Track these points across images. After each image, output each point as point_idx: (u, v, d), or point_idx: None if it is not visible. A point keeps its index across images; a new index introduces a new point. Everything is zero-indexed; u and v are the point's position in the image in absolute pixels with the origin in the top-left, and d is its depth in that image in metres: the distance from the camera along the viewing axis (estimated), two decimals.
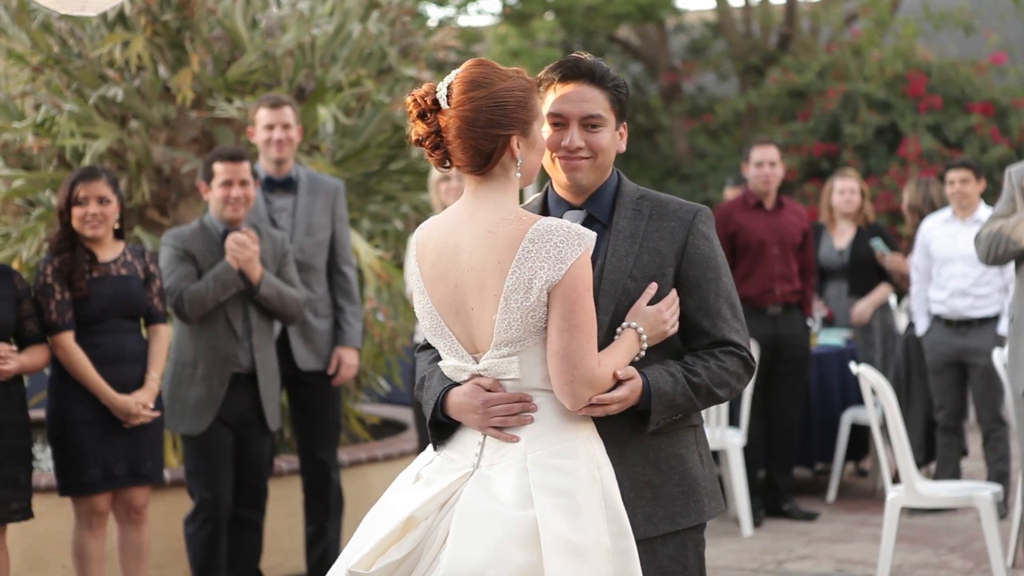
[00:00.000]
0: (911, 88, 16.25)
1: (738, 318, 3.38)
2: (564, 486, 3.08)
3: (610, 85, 3.36)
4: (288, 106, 6.52)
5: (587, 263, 3.12)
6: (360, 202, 8.31)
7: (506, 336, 3.13)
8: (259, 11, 7.96)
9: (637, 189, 3.43)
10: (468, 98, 3.14)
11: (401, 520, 3.18)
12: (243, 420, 6.13)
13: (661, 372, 3.26)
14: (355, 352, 6.71)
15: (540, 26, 18.61)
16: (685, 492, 3.32)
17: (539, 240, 3.09)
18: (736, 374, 3.35)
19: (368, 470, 7.48)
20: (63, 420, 5.59)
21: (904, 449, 6.28)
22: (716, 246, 3.38)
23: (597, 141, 3.34)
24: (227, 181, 6.02)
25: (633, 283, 3.29)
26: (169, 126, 7.75)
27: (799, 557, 7.34)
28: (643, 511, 3.27)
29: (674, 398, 3.25)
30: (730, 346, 3.34)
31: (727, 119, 18.39)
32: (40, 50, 7.71)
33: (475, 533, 3.07)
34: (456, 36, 9.41)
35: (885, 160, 16.09)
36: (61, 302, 5.56)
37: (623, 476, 3.23)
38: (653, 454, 3.30)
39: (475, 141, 3.14)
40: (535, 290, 3.08)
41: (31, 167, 7.76)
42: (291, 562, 7.05)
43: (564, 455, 3.12)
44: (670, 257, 3.32)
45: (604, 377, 3.15)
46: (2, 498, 5.31)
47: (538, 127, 3.24)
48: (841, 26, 18.38)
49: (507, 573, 3.02)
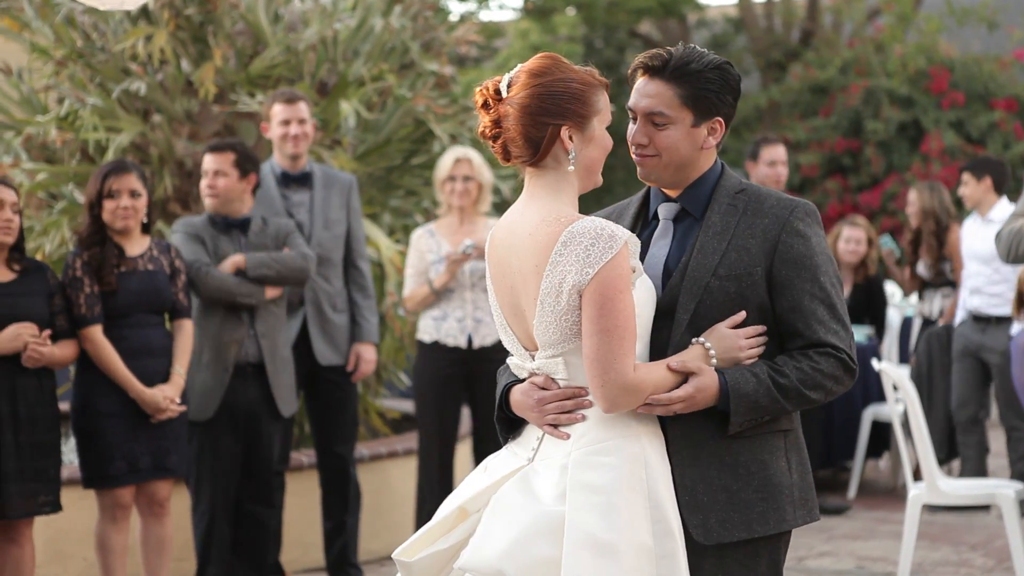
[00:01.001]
0: (934, 84, 16.19)
1: (838, 319, 3.22)
2: (601, 483, 3.06)
3: (687, 80, 3.24)
4: (303, 101, 6.53)
5: (619, 265, 3.05)
6: (381, 197, 8.32)
7: (545, 339, 3.15)
8: (281, 5, 7.97)
9: (739, 183, 3.33)
10: (525, 86, 3.16)
11: (453, 510, 3.22)
12: (251, 411, 6.12)
13: (743, 372, 3.15)
14: (373, 347, 6.72)
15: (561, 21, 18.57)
16: (765, 499, 3.19)
17: (570, 243, 3.07)
18: (832, 376, 3.21)
19: (387, 464, 7.49)
20: (88, 413, 5.62)
21: (926, 446, 6.27)
22: (815, 244, 3.24)
23: (660, 139, 3.26)
24: (204, 171, 6.10)
25: (717, 281, 3.19)
26: (191, 120, 7.77)
27: (819, 554, 7.32)
28: (717, 516, 3.16)
29: (757, 399, 3.14)
30: (826, 347, 3.20)
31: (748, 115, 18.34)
32: (64, 44, 7.74)
33: (500, 526, 3.09)
34: (477, 31, 9.40)
35: (907, 156, 16.04)
36: (90, 295, 5.58)
37: (697, 479, 3.17)
38: (731, 458, 3.18)
39: (525, 128, 3.15)
40: (564, 294, 3.08)
41: (54, 161, 7.79)
42: (310, 556, 7.07)
43: (606, 452, 3.10)
44: (760, 256, 3.21)
45: (640, 382, 3.07)
46: (31, 491, 5.34)
47: (599, 124, 3.20)
48: (864, 21, 18.32)
49: (524, 565, 3.03)
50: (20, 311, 5.36)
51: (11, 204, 5.38)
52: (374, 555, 7.26)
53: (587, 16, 18.93)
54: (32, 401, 5.36)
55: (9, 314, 5.34)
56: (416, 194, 8.33)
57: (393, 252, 7.83)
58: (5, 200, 5.37)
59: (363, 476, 7.04)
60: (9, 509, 5.27)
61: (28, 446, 5.32)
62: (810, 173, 16.53)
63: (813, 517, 3.31)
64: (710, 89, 3.26)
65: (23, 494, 5.31)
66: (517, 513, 3.09)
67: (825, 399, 3.25)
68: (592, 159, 3.21)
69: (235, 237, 6.14)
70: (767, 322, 3.24)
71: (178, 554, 6.56)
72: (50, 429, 5.42)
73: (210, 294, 5.99)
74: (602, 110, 3.21)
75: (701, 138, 3.28)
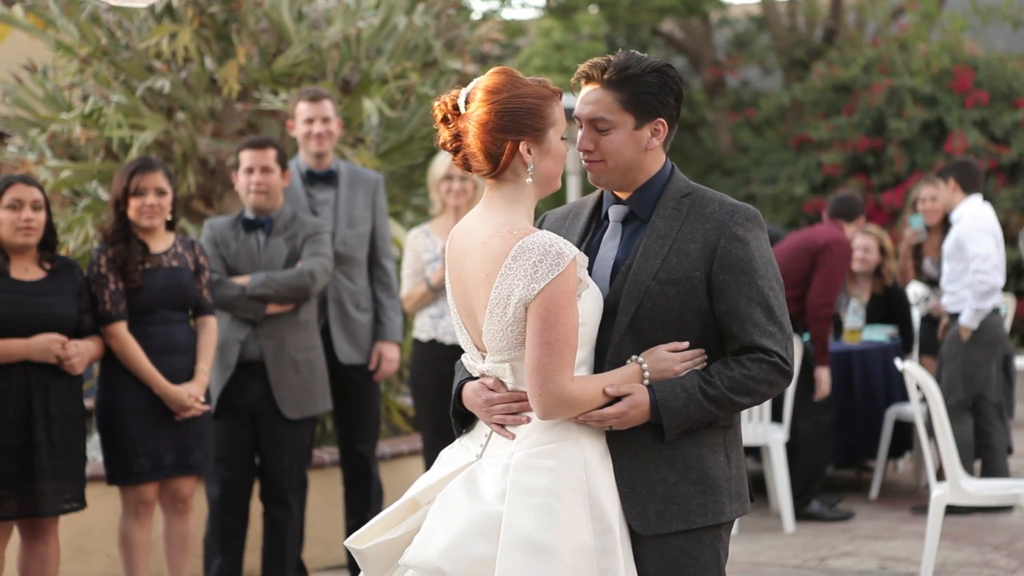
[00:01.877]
0: (958, 83, 16.13)
1: (775, 322, 3.31)
2: (539, 485, 3.19)
3: (626, 85, 3.34)
4: (327, 99, 6.53)
5: (565, 282, 3.16)
6: (403, 195, 8.33)
7: (493, 345, 3.29)
8: (305, 3, 7.99)
9: (686, 186, 3.42)
10: (482, 103, 3.27)
11: (405, 501, 3.39)
12: (255, 409, 6.11)
13: (673, 387, 3.27)
14: (396, 346, 6.72)
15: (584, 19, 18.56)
16: (703, 491, 3.31)
17: (519, 257, 3.19)
18: (765, 380, 3.31)
19: (409, 462, 7.50)
20: (113, 409, 5.64)
21: (949, 446, 6.24)
22: (753, 249, 3.32)
23: (604, 144, 3.37)
24: (247, 168, 6.08)
25: (657, 285, 3.29)
26: (215, 118, 7.79)
27: (841, 554, 7.30)
28: (655, 508, 3.28)
29: (688, 412, 3.26)
30: (759, 352, 3.30)
31: (771, 113, 18.31)
32: (88, 42, 7.77)
33: (443, 524, 3.24)
34: (500, 29, 9.42)
35: (930, 155, 15.98)
36: (115, 292, 5.60)
37: (636, 472, 3.29)
38: (668, 452, 3.30)
39: (484, 144, 3.27)
40: (511, 306, 3.20)
41: (78, 158, 7.82)
42: (332, 553, 7.08)
43: (546, 455, 3.23)
44: (699, 261, 3.30)
45: (577, 395, 3.20)
46: (59, 489, 5.36)
47: (555, 135, 3.31)
48: (887, 20, 18.26)
49: (462, 564, 3.16)
50: (50, 310, 5.38)
51: (32, 203, 5.37)
52: None
53: (610, 14, 18.92)
54: (64, 399, 5.39)
55: (40, 313, 5.35)
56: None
57: None
58: (24, 199, 5.36)
59: (385, 474, 7.04)
60: (41, 507, 5.30)
61: (61, 444, 5.35)
62: (832, 172, 16.49)
63: (745, 510, 3.43)
64: (648, 92, 3.35)
65: (56, 492, 5.33)
66: (459, 512, 3.23)
67: (759, 402, 3.37)
68: (550, 169, 3.33)
69: (256, 237, 6.14)
70: (707, 327, 3.34)
71: (199, 551, 6.58)
72: (76, 427, 5.45)
73: (216, 305, 6.02)
74: (557, 121, 3.32)
75: (644, 140, 3.38)
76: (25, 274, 5.39)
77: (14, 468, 5.26)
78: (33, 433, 5.27)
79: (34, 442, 5.27)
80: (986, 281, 8.13)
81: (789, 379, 3.36)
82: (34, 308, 5.35)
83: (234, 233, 6.11)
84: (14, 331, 5.30)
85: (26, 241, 5.37)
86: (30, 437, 5.27)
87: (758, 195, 17.16)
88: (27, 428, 5.28)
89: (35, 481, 5.26)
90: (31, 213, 5.37)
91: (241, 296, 6.03)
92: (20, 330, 5.31)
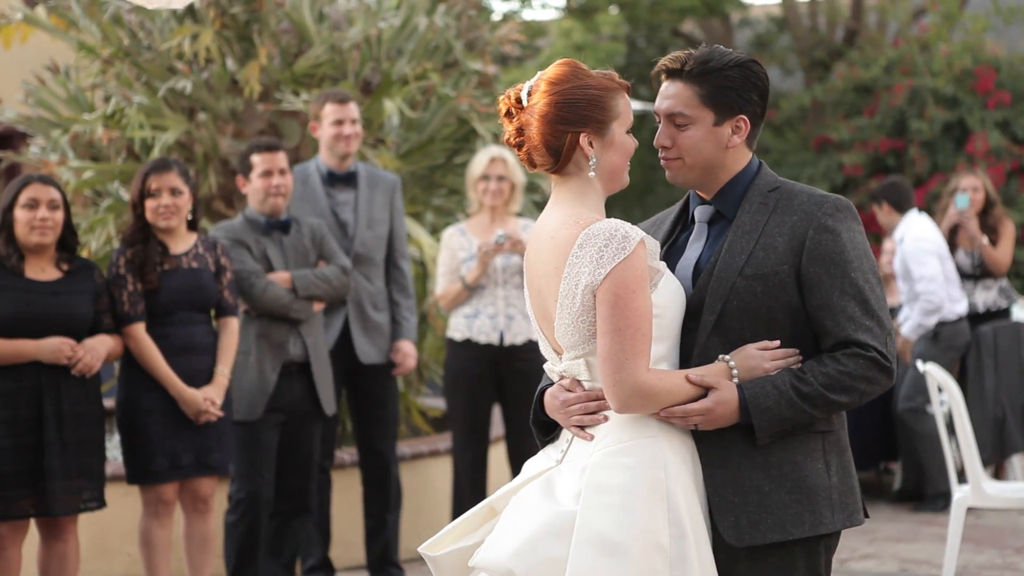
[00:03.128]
0: (979, 83, 16.07)
1: (872, 315, 3.15)
2: (617, 483, 3.06)
3: (706, 79, 3.23)
4: (353, 102, 6.56)
5: (633, 266, 3.05)
6: (424, 195, 8.34)
7: (566, 341, 3.17)
8: (326, 4, 8.00)
9: (774, 181, 3.29)
10: (544, 95, 3.17)
11: (482, 507, 3.27)
12: (295, 410, 6.13)
13: (764, 385, 3.12)
14: (412, 344, 6.74)
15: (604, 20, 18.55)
16: (799, 500, 3.14)
17: (586, 244, 3.09)
18: (862, 377, 3.14)
19: (429, 463, 7.51)
20: (132, 409, 5.65)
21: (971, 448, 6.22)
22: (845, 240, 3.17)
23: (682, 140, 3.25)
24: (266, 171, 6.07)
25: (744, 281, 3.16)
26: (236, 119, 7.81)
27: (862, 556, 7.29)
28: (749, 518, 3.12)
29: (779, 411, 3.11)
30: (855, 346, 3.14)
31: (792, 114, 18.26)
32: (110, 43, 7.79)
33: (515, 525, 3.12)
34: (520, 30, 9.41)
35: (952, 156, 15.92)
36: (133, 293, 5.61)
37: (727, 479, 3.14)
38: (762, 459, 3.14)
39: (545, 136, 3.17)
40: (579, 295, 3.10)
41: (100, 159, 7.85)
42: (351, 554, 7.09)
43: (625, 453, 3.10)
44: (787, 254, 3.16)
45: (654, 384, 3.07)
46: (77, 488, 5.37)
47: (618, 128, 3.20)
48: (909, 20, 18.20)
49: (532, 564, 3.05)
50: (63, 310, 5.38)
51: (48, 202, 5.37)
52: (415, 554, 7.26)
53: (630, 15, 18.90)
54: (76, 399, 5.39)
55: (55, 313, 5.36)
56: (459, 193, 8.34)
57: (436, 251, 7.84)
58: (41, 198, 5.36)
59: (404, 474, 7.05)
60: (54, 506, 5.31)
61: (73, 443, 5.36)
62: (854, 173, 16.44)
63: (855, 521, 3.24)
64: (730, 87, 3.24)
65: (68, 491, 5.34)
66: (533, 513, 3.11)
67: (860, 400, 3.18)
68: (614, 163, 3.22)
69: (276, 238, 6.15)
70: (799, 324, 3.19)
71: (220, 550, 6.59)
72: (95, 426, 5.46)
73: (264, 307, 6.01)
74: (621, 114, 3.21)
75: (725, 137, 3.26)
76: (41, 274, 5.40)
77: (26, 467, 5.27)
78: (44, 433, 5.29)
79: (45, 442, 5.28)
80: (932, 300, 8.37)
81: (891, 376, 3.17)
82: (46, 308, 5.34)
83: (254, 237, 6.11)
84: (26, 331, 5.31)
85: (41, 240, 5.37)
86: (41, 437, 5.29)
87: None
88: (38, 428, 5.29)
89: (46, 481, 5.28)
90: (47, 212, 5.36)
91: (295, 297, 6.05)
92: (32, 330, 5.31)
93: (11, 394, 5.28)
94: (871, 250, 3.25)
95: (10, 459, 5.25)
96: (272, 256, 6.12)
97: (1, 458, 5.25)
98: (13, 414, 5.27)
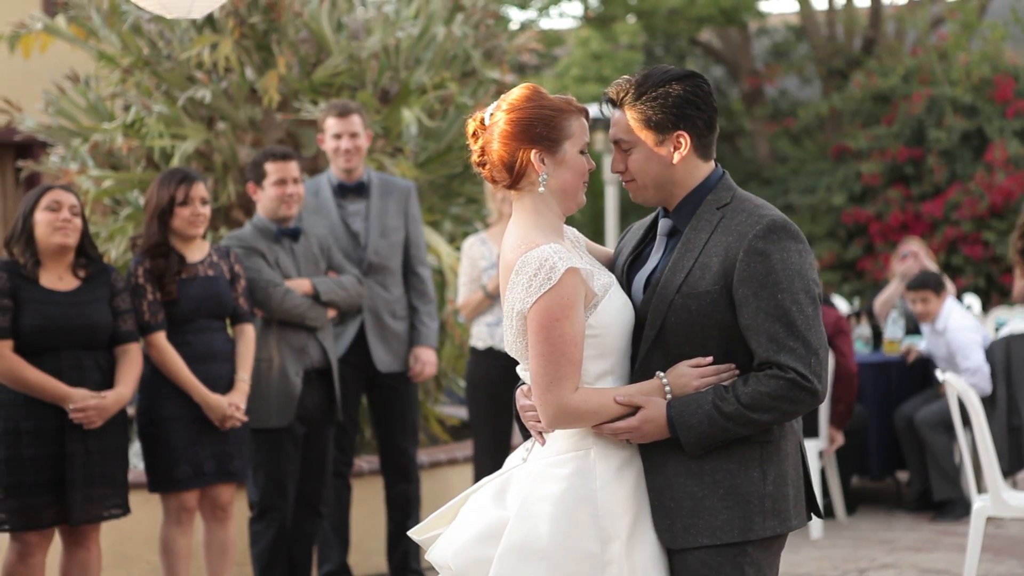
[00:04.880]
0: (998, 92, 16.04)
1: (797, 336, 3.22)
2: (548, 493, 3.28)
3: (640, 104, 3.35)
4: (356, 114, 6.54)
5: (558, 295, 3.21)
6: (442, 204, 8.35)
7: (513, 354, 3.41)
8: (344, 14, 8.02)
9: (727, 196, 3.37)
10: (503, 114, 3.37)
11: (461, 497, 3.53)
12: (313, 416, 6.16)
13: (690, 403, 3.26)
14: (432, 351, 6.74)
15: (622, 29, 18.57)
16: (730, 507, 3.26)
17: (520, 271, 3.27)
18: (782, 397, 3.22)
19: (448, 471, 7.51)
20: (154, 417, 5.66)
21: (990, 457, 6.20)
22: (775, 261, 3.23)
23: (630, 163, 3.40)
24: (280, 180, 6.09)
25: (680, 299, 3.28)
26: (255, 128, 7.83)
27: (881, 566, 7.26)
28: (682, 522, 3.27)
29: (703, 429, 3.24)
30: (775, 368, 3.23)
31: (809, 123, 18.25)
32: (130, 52, 7.83)
33: (462, 525, 3.40)
34: (538, 39, 9.43)
35: (971, 165, 15.89)
36: (153, 302, 5.63)
37: (664, 485, 3.29)
38: (696, 467, 3.28)
39: (500, 154, 3.37)
40: (514, 318, 3.31)
41: (120, 167, 7.88)
42: (371, 562, 7.10)
43: (559, 465, 3.31)
44: (720, 275, 3.26)
45: (578, 406, 3.25)
46: (100, 496, 5.38)
47: (571, 147, 3.36)
48: (927, 29, 18.17)
49: (464, 564, 3.33)
50: (84, 321, 5.37)
51: (69, 207, 5.38)
52: None
53: (647, 24, 18.92)
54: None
55: (75, 325, 5.36)
56: (476, 202, 8.35)
57: (454, 259, 7.85)
58: (63, 202, 5.37)
59: (423, 483, 7.05)
60: (77, 515, 5.32)
61: (97, 452, 5.37)
62: (872, 182, 16.42)
63: (787, 527, 3.33)
64: (663, 107, 3.34)
65: (91, 499, 5.36)
66: (478, 515, 3.38)
67: (785, 418, 3.28)
68: (565, 181, 3.37)
69: (287, 246, 6.17)
70: (734, 341, 3.29)
71: (240, 558, 6.61)
72: (118, 434, 5.47)
73: (283, 314, 6.02)
74: (575, 134, 3.37)
75: (668, 155, 3.36)
76: (59, 283, 5.39)
77: (50, 477, 5.29)
78: (67, 443, 5.31)
79: (67, 452, 5.30)
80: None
81: (814, 395, 3.25)
82: (66, 320, 5.34)
83: (266, 244, 6.13)
84: (47, 343, 5.31)
85: (64, 241, 5.36)
86: (63, 448, 5.31)
87: (796, 205, 17.10)
88: (61, 437, 5.31)
89: (69, 490, 5.29)
90: (68, 215, 5.38)
91: (314, 303, 6.07)
92: (53, 342, 5.32)
93: (35, 405, 5.29)
94: (812, 267, 3.30)
95: (34, 469, 5.27)
96: (285, 263, 6.13)
97: (25, 468, 5.26)
98: (37, 425, 5.29)
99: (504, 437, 7.00)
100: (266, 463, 6.06)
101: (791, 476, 3.36)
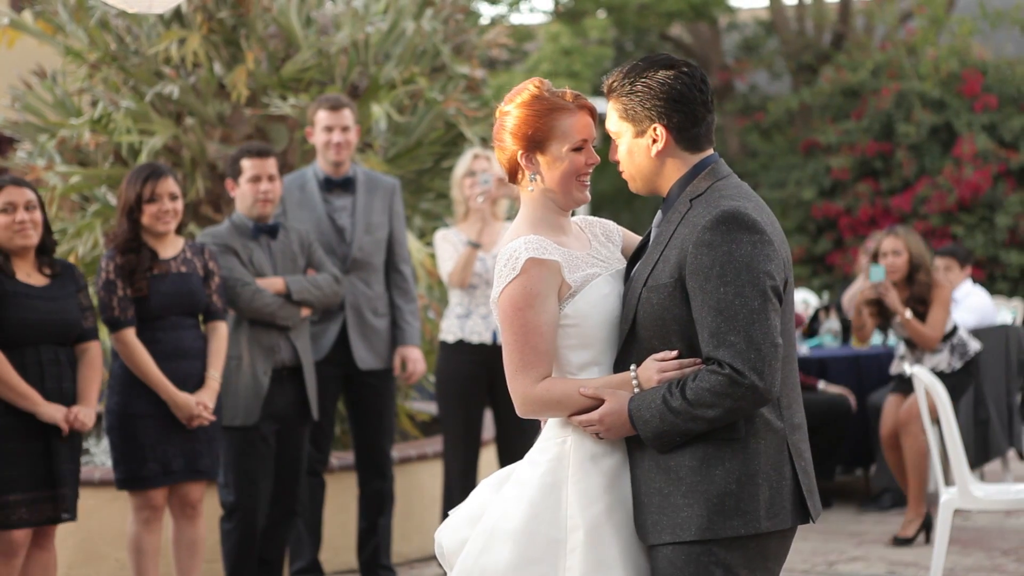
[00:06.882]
0: (966, 87, 16.13)
1: (737, 331, 3.15)
2: (523, 478, 3.36)
3: (621, 96, 3.36)
4: (347, 108, 6.54)
5: (521, 285, 3.27)
6: (412, 200, 8.34)
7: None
8: (313, 9, 8.00)
9: (703, 186, 3.32)
10: (500, 114, 3.45)
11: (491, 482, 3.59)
12: (286, 415, 6.14)
13: (646, 397, 3.25)
14: (419, 349, 6.73)
15: (592, 24, 18.57)
16: (691, 504, 3.22)
17: (498, 261, 3.35)
18: (719, 393, 3.16)
19: (418, 467, 7.50)
20: (123, 415, 5.63)
21: (958, 451, 6.24)
22: (721, 253, 3.17)
23: (618, 154, 3.43)
24: (255, 176, 6.07)
25: (646, 292, 3.28)
26: (224, 123, 7.80)
27: (850, 559, 7.30)
28: (651, 518, 3.28)
29: (656, 424, 3.22)
30: (714, 363, 3.18)
31: (779, 118, 18.31)
32: (97, 47, 7.79)
33: (464, 507, 3.51)
34: (508, 34, 9.41)
35: (939, 159, 15.98)
36: (123, 298, 5.60)
37: (639, 480, 3.32)
38: (664, 463, 3.26)
39: (498, 151, 3.46)
40: (494, 306, 3.37)
41: (87, 163, 7.84)
42: (341, 558, 7.08)
43: (540, 451, 3.39)
44: (675, 267, 3.24)
45: (541, 396, 3.30)
46: (61, 496, 5.35)
47: (561, 146, 3.37)
48: (896, 24, 18.25)
49: (453, 543, 3.44)
50: (62, 315, 5.37)
51: (24, 204, 5.33)
52: (404, 557, 7.27)
53: (618, 19, 18.92)
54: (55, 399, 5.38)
55: (54, 319, 5.34)
56: (446, 197, 8.34)
57: (424, 255, 7.84)
58: (17, 201, 5.33)
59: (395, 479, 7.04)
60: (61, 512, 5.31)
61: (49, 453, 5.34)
62: (841, 176, 16.48)
63: (751, 528, 3.23)
64: (638, 100, 3.34)
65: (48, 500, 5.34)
66: (475, 497, 3.49)
67: (732, 416, 3.19)
68: (557, 179, 3.39)
69: (264, 243, 6.15)
70: (694, 335, 3.24)
71: (209, 555, 6.59)
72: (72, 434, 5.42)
73: (252, 314, 6.00)
74: (566, 133, 3.38)
75: (647, 147, 3.36)
76: (30, 279, 5.38)
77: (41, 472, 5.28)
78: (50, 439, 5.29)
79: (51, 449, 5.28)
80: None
81: (755, 393, 3.16)
82: (47, 314, 5.34)
83: (241, 241, 6.10)
84: (28, 337, 5.29)
85: (24, 243, 5.33)
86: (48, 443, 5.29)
87: (766, 199, 17.13)
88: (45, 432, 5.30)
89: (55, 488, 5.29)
90: (24, 214, 5.33)
91: (285, 302, 6.04)
92: (34, 336, 5.30)
93: None
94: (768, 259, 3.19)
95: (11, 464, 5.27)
96: (260, 261, 6.11)
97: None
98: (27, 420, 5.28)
99: (474, 432, 6.96)
100: (236, 461, 6.03)
101: (765, 476, 3.24)
